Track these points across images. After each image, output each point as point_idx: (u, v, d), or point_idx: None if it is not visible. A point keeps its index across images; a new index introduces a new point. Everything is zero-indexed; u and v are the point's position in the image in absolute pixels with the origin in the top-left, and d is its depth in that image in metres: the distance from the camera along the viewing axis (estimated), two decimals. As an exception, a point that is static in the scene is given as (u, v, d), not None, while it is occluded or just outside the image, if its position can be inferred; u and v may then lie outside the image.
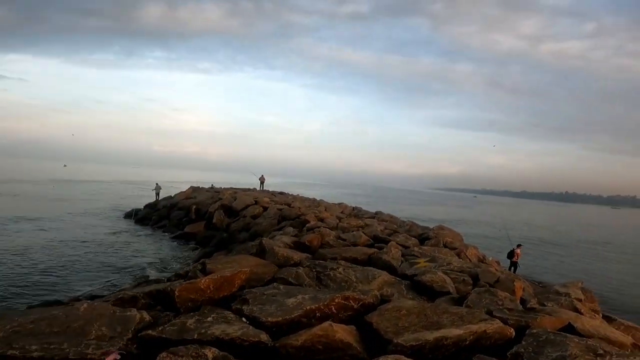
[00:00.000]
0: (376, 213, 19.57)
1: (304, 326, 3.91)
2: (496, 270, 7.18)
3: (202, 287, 4.18)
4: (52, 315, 3.32)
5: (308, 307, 4.16)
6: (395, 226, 13.59)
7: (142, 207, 26.51)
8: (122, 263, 12.83)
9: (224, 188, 30.50)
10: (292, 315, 4.03)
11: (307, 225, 11.96)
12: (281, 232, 11.43)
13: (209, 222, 18.44)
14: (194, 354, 3.11)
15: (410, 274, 6.13)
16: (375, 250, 7.55)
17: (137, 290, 4.68)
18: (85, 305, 3.49)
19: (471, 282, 6.06)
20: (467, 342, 3.75)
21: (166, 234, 18.96)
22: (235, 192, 25.40)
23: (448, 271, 6.20)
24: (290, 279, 5.50)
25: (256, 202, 18.80)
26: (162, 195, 29.11)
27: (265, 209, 17.36)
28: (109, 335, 3.19)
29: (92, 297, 7.70)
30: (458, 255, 8.53)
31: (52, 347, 2.96)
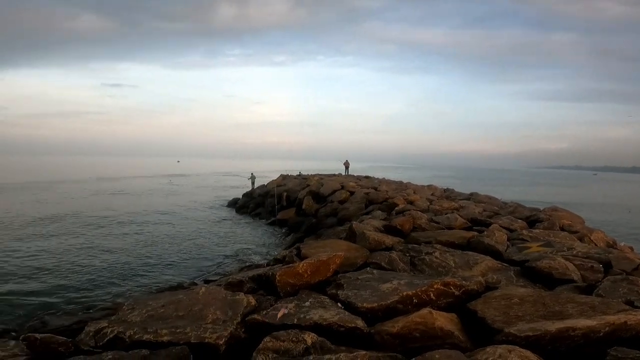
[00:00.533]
0: (471, 194, 18.19)
1: (399, 312, 3.80)
2: (635, 256, 6.06)
3: (300, 271, 4.32)
4: (178, 299, 3.69)
5: (404, 293, 4.01)
6: (495, 208, 12.45)
7: (241, 196, 29.02)
8: (227, 249, 14.16)
9: (311, 175, 31.53)
10: (388, 301, 3.93)
11: (396, 208, 11.67)
12: (369, 215, 11.36)
13: (298, 208, 19.29)
14: (294, 338, 3.20)
15: (520, 260, 5.51)
16: (475, 233, 6.98)
17: (243, 275, 5.07)
18: (203, 289, 3.85)
19: (601, 269, 5.21)
20: (601, 334, 3.23)
21: (262, 220, 20.41)
22: (321, 178, 26.06)
23: (570, 257, 5.41)
24: (383, 264, 5.41)
25: (342, 187, 19.02)
26: (257, 184, 31.40)
27: (351, 193, 17.45)
28: (222, 319, 3.47)
29: (206, 282, 8.70)
30: (580, 239, 7.41)
31: (178, 330, 3.24)
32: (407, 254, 5.89)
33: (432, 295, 4.11)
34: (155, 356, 2.87)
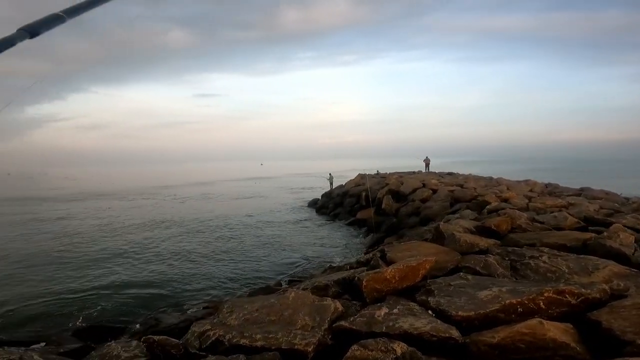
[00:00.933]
0: (582, 189, 15.86)
1: (500, 322, 3.43)
2: None
3: (387, 277, 4.11)
4: (270, 303, 3.75)
5: (507, 301, 3.59)
6: (615, 205, 10.63)
7: (320, 196, 29.60)
8: (309, 249, 14.48)
9: (389, 173, 30.76)
10: (487, 310, 3.55)
11: (488, 207, 10.65)
12: (456, 215, 10.56)
13: (378, 208, 18.91)
14: (383, 348, 3.03)
15: (655, 266, 4.55)
16: (593, 234, 5.97)
17: (328, 278, 5.02)
18: (293, 294, 3.86)
19: None
20: None
21: (342, 221, 20.46)
22: (400, 176, 25.24)
23: None
24: (478, 268, 4.91)
25: (424, 185, 18.12)
26: (335, 184, 31.72)
27: (434, 191, 16.52)
28: (311, 325, 3.43)
29: (291, 282, 8.95)
30: None
31: (270, 336, 3.28)
32: (507, 258, 5.28)
33: (541, 304, 3.62)
34: (250, 362, 2.97)
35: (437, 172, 29.66)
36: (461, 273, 4.71)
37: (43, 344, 5.70)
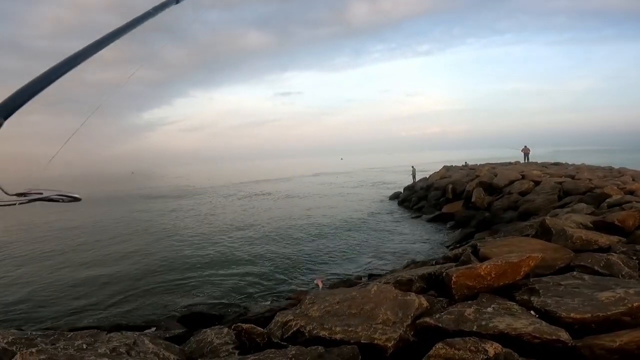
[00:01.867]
0: None
1: (624, 326, 3.04)
2: None
3: (481, 273, 3.65)
4: (352, 296, 3.64)
5: (636, 304, 3.13)
6: None
7: (402, 189, 28.65)
8: (390, 244, 14.02)
9: (480, 165, 28.36)
10: (609, 312, 3.14)
11: (608, 200, 9.01)
12: (567, 209, 9.12)
13: (467, 201, 17.49)
14: (472, 347, 2.71)
15: None
16: None
17: (412, 273, 4.68)
18: (375, 287, 3.68)
19: None
20: None
21: (425, 215, 19.41)
22: (493, 167, 23.03)
23: None
24: (597, 268, 4.15)
25: (523, 177, 16.17)
26: (418, 177, 30.39)
27: (536, 183, 14.61)
28: (392, 320, 3.21)
29: (371, 276, 8.71)
30: None
31: (350, 329, 3.18)
32: (635, 257, 4.36)
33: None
34: (329, 354, 2.90)
35: (539, 162, 26.29)
36: (574, 272, 3.99)
37: (154, 328, 6.20)
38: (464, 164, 30.99)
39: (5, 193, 0.93)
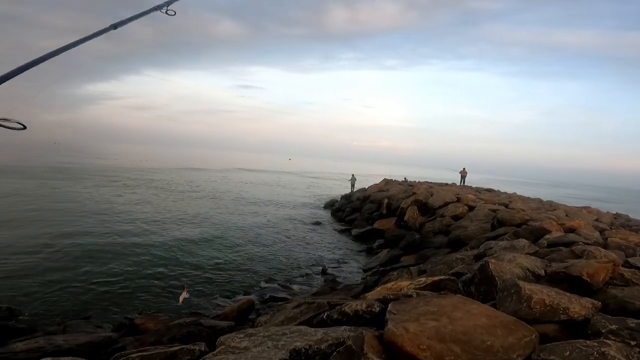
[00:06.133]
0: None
1: None
2: None
3: None
4: None
5: None
6: None
7: (339, 197, 27.12)
8: (301, 261, 11.81)
9: (418, 182, 27.76)
10: None
11: (547, 236, 7.77)
12: (502, 242, 7.72)
13: (400, 219, 16.16)
14: None
15: None
16: None
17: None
18: None
19: None
20: None
21: (355, 229, 17.74)
22: (431, 186, 22.26)
23: None
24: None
25: (458, 200, 15.15)
26: (358, 186, 29.15)
27: (471, 208, 13.56)
28: None
29: (263, 302, 6.57)
30: None
31: None
32: (634, 343, 2.61)
33: None
34: None
35: (473, 187, 26.23)
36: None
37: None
38: (403, 179, 30.35)
39: None
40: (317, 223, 18.93)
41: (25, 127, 1.21)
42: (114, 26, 1.82)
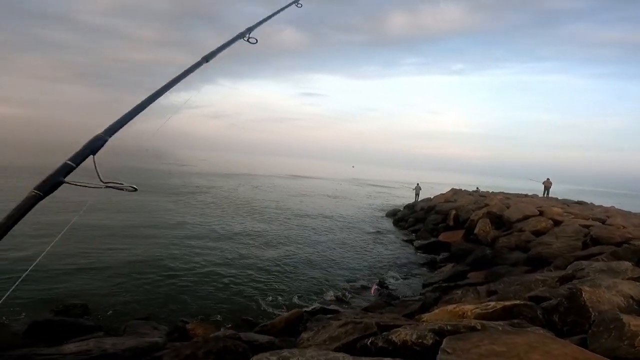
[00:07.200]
0: None
1: None
2: None
3: None
4: None
5: None
6: None
7: (402, 207, 25.98)
8: (360, 272, 11.27)
9: (492, 192, 25.45)
10: None
11: (659, 260, 6.29)
12: (597, 263, 6.41)
13: (468, 232, 14.75)
14: None
15: None
16: None
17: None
18: None
19: None
20: None
21: (419, 240, 16.61)
22: (507, 197, 20.20)
23: None
24: None
25: (541, 213, 13.37)
26: (422, 196, 27.73)
27: (556, 223, 11.83)
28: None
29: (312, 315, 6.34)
30: None
31: None
32: None
33: None
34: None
35: (559, 199, 23.22)
36: None
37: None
38: (475, 189, 28.10)
39: (101, 180, 1.25)
40: (378, 232, 18.18)
41: (136, 189, 1.31)
42: (206, 59, 1.98)
